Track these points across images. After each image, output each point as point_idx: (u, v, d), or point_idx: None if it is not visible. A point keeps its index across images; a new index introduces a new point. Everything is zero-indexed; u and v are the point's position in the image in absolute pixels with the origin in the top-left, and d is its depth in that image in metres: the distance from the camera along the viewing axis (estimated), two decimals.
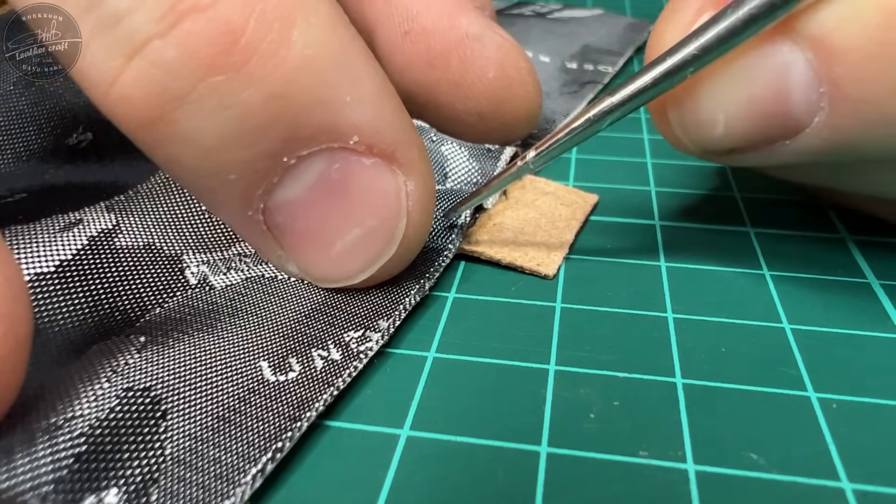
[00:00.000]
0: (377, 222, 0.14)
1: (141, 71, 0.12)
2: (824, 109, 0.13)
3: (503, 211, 0.19)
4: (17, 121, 0.18)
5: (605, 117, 0.15)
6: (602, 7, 0.37)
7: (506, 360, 0.15)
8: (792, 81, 0.13)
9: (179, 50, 0.12)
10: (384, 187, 0.14)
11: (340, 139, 0.13)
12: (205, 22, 0.12)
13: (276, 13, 0.12)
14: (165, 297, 0.15)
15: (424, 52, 0.20)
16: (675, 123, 0.15)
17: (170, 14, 0.12)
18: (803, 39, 0.13)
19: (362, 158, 0.14)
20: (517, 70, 0.21)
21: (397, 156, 0.14)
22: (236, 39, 0.12)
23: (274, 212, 0.14)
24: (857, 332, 0.15)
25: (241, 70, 0.12)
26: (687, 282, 0.17)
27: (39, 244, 0.15)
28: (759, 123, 0.14)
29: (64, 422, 0.12)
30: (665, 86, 0.14)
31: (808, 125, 0.13)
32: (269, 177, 0.14)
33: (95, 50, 0.12)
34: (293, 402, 0.13)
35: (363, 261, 0.15)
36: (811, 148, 0.14)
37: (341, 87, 0.13)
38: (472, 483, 0.12)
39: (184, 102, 0.12)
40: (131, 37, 0.12)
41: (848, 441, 0.12)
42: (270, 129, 0.13)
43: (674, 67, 0.14)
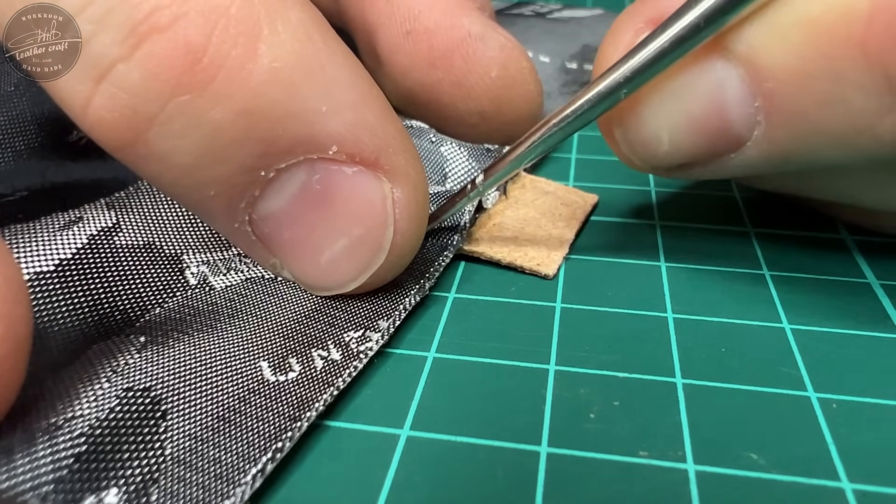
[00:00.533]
0: (363, 231, 0.14)
1: (109, 95, 0.12)
2: (761, 123, 0.13)
3: (503, 211, 0.19)
4: (18, 120, 0.18)
5: (547, 139, 0.15)
6: (602, 7, 0.37)
7: (506, 360, 0.15)
8: (728, 97, 0.13)
9: (143, 72, 0.12)
10: (368, 195, 0.14)
11: (318, 150, 0.13)
12: (164, 42, 0.12)
13: (240, 27, 0.12)
14: (165, 296, 0.15)
15: (426, 52, 0.20)
16: (620, 142, 0.16)
17: (131, 36, 0.12)
18: (734, 56, 0.13)
19: (343, 168, 0.14)
20: (519, 70, 0.21)
21: (381, 163, 0.14)
22: (198, 58, 0.12)
23: (260, 223, 0.14)
24: (857, 332, 0.15)
25: (207, 88, 0.12)
26: (687, 282, 0.17)
27: (39, 243, 0.15)
28: (702, 139, 0.14)
29: (64, 422, 0.12)
30: (602, 107, 0.14)
31: (749, 139, 0.14)
32: (250, 190, 0.14)
33: (67, 75, 0.12)
34: (293, 402, 0.13)
35: (352, 269, 0.15)
36: (755, 160, 0.14)
37: (315, 98, 0.13)
38: (472, 483, 0.12)
39: (154, 124, 0.12)
40: (97, 61, 0.12)
41: (848, 441, 0.12)
42: (243, 145, 0.13)
43: (607, 90, 0.14)
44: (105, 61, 0.12)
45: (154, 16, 0.12)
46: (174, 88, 0.12)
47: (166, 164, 0.13)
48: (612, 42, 0.15)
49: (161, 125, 0.12)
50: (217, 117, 0.12)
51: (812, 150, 0.13)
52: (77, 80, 0.12)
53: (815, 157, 0.13)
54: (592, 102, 0.14)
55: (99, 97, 0.12)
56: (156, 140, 0.12)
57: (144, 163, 0.13)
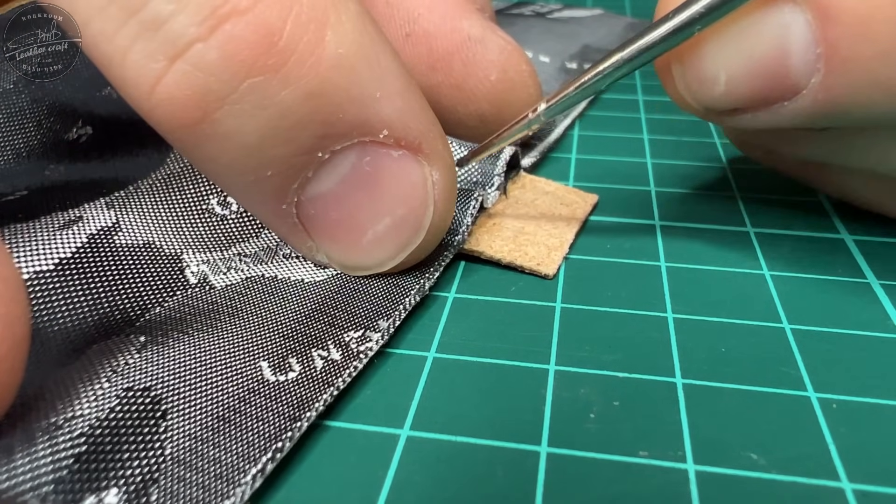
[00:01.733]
0: (406, 211, 0.15)
1: (183, 73, 0.12)
2: (820, 71, 0.13)
3: (503, 210, 0.19)
4: (17, 118, 0.18)
5: (614, 72, 0.15)
6: (602, 7, 0.37)
7: (506, 360, 0.15)
8: (791, 42, 0.13)
9: (221, 52, 0.12)
10: (412, 178, 0.15)
11: (371, 133, 0.14)
12: (244, 25, 0.12)
13: (311, 14, 0.13)
14: (165, 296, 0.15)
15: (426, 55, 0.20)
16: (678, 80, 0.16)
17: (211, 18, 0.12)
18: (804, 0, 0.13)
19: (391, 151, 0.14)
20: (519, 73, 0.21)
21: (423, 148, 0.15)
22: (275, 41, 0.12)
23: (307, 204, 0.15)
24: (857, 332, 0.15)
25: (280, 70, 0.13)
26: (687, 282, 0.17)
27: (39, 242, 0.15)
28: (759, 83, 0.14)
29: (64, 422, 0.12)
30: (672, 42, 0.14)
31: (805, 86, 0.14)
32: (304, 171, 0.14)
33: (137, 53, 0.13)
34: (293, 403, 0.13)
35: (393, 248, 0.16)
36: (807, 110, 0.14)
37: (371, 84, 0.14)
38: (472, 483, 0.12)
39: (225, 103, 0.13)
40: (174, 40, 0.12)
41: (848, 441, 0.12)
42: (307, 127, 0.13)
43: (681, 24, 0.14)
44: (183, 41, 0.12)
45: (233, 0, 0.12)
46: (249, 70, 0.12)
47: (229, 144, 0.13)
48: None
49: (231, 105, 0.13)
50: (286, 99, 0.13)
51: (867, 103, 0.13)
52: (150, 59, 0.13)
53: (868, 111, 0.13)
54: (663, 36, 0.14)
55: (172, 75, 0.13)
56: (224, 119, 0.13)
57: (205, 142, 0.13)
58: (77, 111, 0.19)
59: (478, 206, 0.18)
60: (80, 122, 0.19)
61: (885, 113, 0.13)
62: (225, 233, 0.17)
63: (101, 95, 0.19)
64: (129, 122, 0.19)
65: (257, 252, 0.17)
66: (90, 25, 0.13)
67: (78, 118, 0.19)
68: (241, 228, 0.18)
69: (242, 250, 0.17)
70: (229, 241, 0.17)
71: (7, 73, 0.18)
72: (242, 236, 0.17)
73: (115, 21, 0.13)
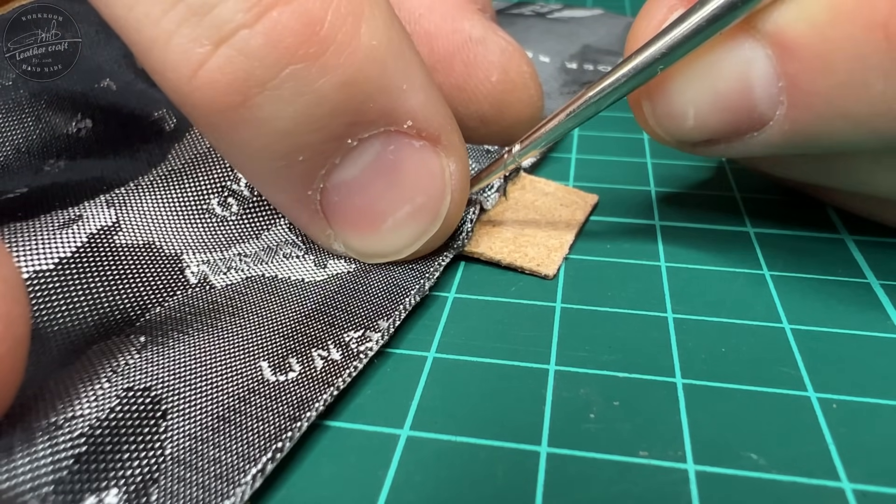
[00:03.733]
0: (425, 200, 0.16)
1: (228, 58, 0.13)
2: (783, 104, 0.14)
3: (503, 212, 0.19)
4: (16, 113, 0.18)
5: (582, 112, 0.16)
6: (602, 7, 0.37)
7: (506, 360, 0.15)
8: (754, 76, 0.14)
9: (266, 39, 0.13)
10: (432, 167, 0.15)
11: (396, 123, 0.15)
12: (290, 13, 0.13)
13: (349, 7, 0.13)
14: (166, 296, 0.15)
15: (427, 56, 0.20)
16: (648, 116, 0.16)
17: (258, 5, 0.13)
18: (763, 36, 0.13)
19: (413, 141, 0.15)
20: (520, 74, 0.21)
21: (442, 139, 0.15)
22: (317, 31, 0.13)
23: (331, 191, 0.15)
24: (857, 332, 0.15)
25: (319, 59, 0.13)
26: (687, 282, 0.17)
27: (39, 241, 0.15)
28: (726, 116, 0.15)
29: (64, 422, 0.12)
30: (638, 81, 0.15)
31: (772, 118, 0.14)
32: (333, 158, 0.15)
33: (183, 37, 0.13)
34: (293, 402, 0.13)
35: (410, 236, 0.16)
36: (776, 140, 0.14)
37: (399, 76, 0.14)
38: (472, 483, 0.12)
39: (265, 88, 0.13)
40: (221, 26, 0.13)
41: (848, 441, 0.12)
42: (339, 114, 0.14)
43: (644, 64, 0.14)
44: (229, 26, 0.13)
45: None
46: (291, 57, 0.13)
47: (265, 129, 0.14)
48: (645, 18, 0.16)
49: (271, 90, 0.13)
50: (323, 87, 0.13)
51: (832, 132, 0.14)
52: (195, 43, 0.13)
53: (835, 139, 0.14)
54: (629, 76, 0.15)
55: (216, 59, 0.13)
56: (262, 104, 0.13)
57: (242, 126, 0.14)
58: (76, 104, 0.19)
59: (478, 210, 0.18)
60: (80, 116, 0.19)
61: (852, 140, 0.14)
62: (225, 233, 0.17)
63: (99, 87, 0.19)
64: (130, 114, 0.19)
65: (257, 252, 0.17)
66: (134, 10, 0.13)
67: (77, 111, 0.19)
68: (241, 229, 0.18)
69: (243, 251, 0.17)
70: (229, 241, 0.17)
71: (6, 69, 0.18)
72: (243, 237, 0.17)
73: (162, 5, 0.13)
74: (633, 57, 0.15)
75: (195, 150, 0.19)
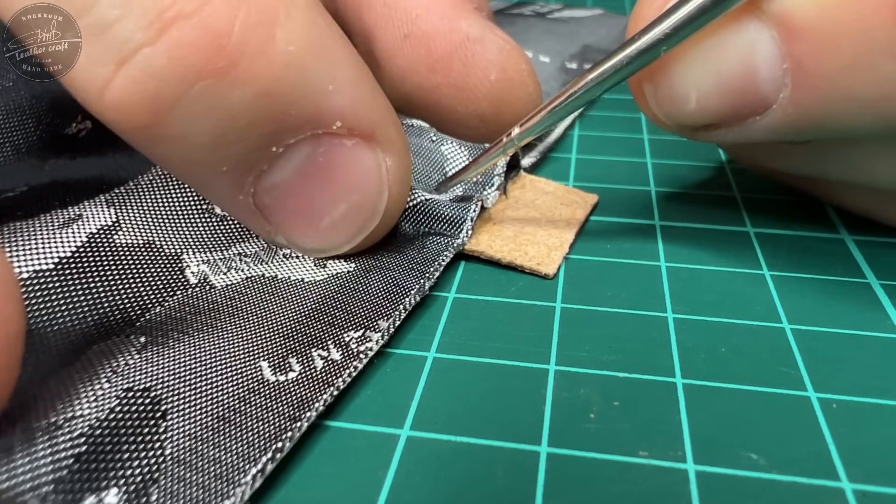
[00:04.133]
0: (361, 198, 0.15)
1: (132, 78, 0.12)
2: (788, 86, 0.13)
3: (503, 211, 0.19)
4: (17, 115, 0.18)
5: (584, 94, 0.15)
6: (602, 7, 0.37)
7: (506, 360, 0.15)
8: (758, 58, 0.14)
9: (169, 57, 0.12)
10: (366, 165, 0.15)
11: (324, 125, 0.14)
12: (191, 28, 0.12)
13: (260, 15, 0.13)
14: (166, 295, 0.15)
15: (425, 56, 0.20)
16: (650, 99, 0.16)
17: (157, 21, 0.12)
18: (768, 17, 0.13)
19: (344, 140, 0.15)
20: (518, 72, 0.21)
21: (376, 135, 0.15)
22: (223, 44, 0.12)
23: (263, 194, 0.15)
24: (857, 332, 0.15)
25: (230, 73, 0.13)
26: (687, 282, 0.17)
27: (38, 241, 0.15)
28: (729, 99, 0.14)
29: (64, 422, 0.12)
30: (640, 63, 0.14)
31: (775, 101, 0.14)
32: (259, 165, 0.14)
33: (85, 57, 0.13)
34: (293, 403, 0.13)
35: (349, 233, 0.16)
36: (779, 124, 0.14)
37: (323, 78, 0.14)
38: (472, 483, 0.12)
39: (175, 106, 0.13)
40: (121, 45, 0.12)
41: (848, 441, 0.12)
42: (259, 125, 0.13)
43: (647, 45, 0.14)
44: (129, 46, 0.12)
45: (179, 2, 0.12)
46: (198, 73, 0.12)
47: (182, 145, 0.13)
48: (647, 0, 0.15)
49: (182, 108, 0.13)
50: (237, 100, 0.13)
51: (836, 115, 0.13)
52: (97, 63, 0.13)
53: (839, 123, 0.13)
54: (631, 58, 0.14)
55: (120, 80, 0.12)
56: (175, 122, 0.13)
57: (159, 144, 0.13)
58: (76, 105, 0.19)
59: (478, 208, 0.18)
60: (80, 117, 0.19)
61: (857, 124, 0.13)
62: (225, 233, 0.17)
63: None
64: None
65: (257, 252, 0.17)
66: None
67: (77, 112, 0.19)
68: (241, 228, 0.18)
69: (243, 250, 0.17)
70: (229, 241, 0.17)
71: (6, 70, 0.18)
72: (243, 236, 0.17)
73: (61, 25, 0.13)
74: (635, 38, 0.14)
75: None
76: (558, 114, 0.16)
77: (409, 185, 0.16)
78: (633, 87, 0.16)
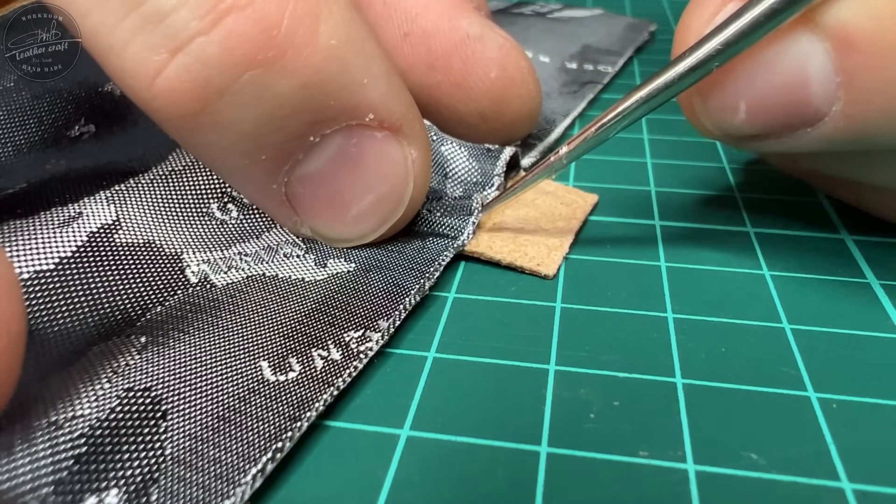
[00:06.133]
0: (388, 189, 0.16)
1: (185, 66, 0.13)
2: (840, 99, 0.13)
3: (503, 211, 0.19)
4: (18, 114, 0.18)
5: (633, 112, 0.15)
6: (602, 7, 0.37)
7: (506, 360, 0.15)
8: (811, 71, 0.13)
9: (222, 46, 0.13)
10: (394, 157, 0.16)
11: (358, 117, 0.15)
12: (245, 19, 0.13)
13: (306, 8, 0.13)
14: (166, 295, 0.15)
15: (425, 55, 0.20)
16: (698, 109, 0.16)
17: (212, 12, 0.13)
18: (822, 30, 0.13)
19: (375, 133, 0.15)
20: (518, 69, 0.21)
21: (404, 128, 0.16)
22: (273, 35, 0.13)
23: (296, 184, 0.15)
24: (857, 332, 0.15)
25: (277, 63, 0.13)
26: (687, 282, 0.17)
27: (39, 241, 0.15)
28: (780, 111, 0.14)
29: (64, 422, 0.12)
30: (692, 79, 0.14)
31: (827, 114, 0.14)
32: (296, 154, 0.15)
33: (139, 46, 0.13)
34: (293, 402, 0.13)
35: (375, 222, 0.17)
36: (830, 136, 0.14)
37: (360, 71, 0.14)
38: (472, 483, 0.12)
39: (224, 94, 0.13)
40: (176, 34, 0.13)
41: (848, 441, 0.12)
42: (300, 115, 0.14)
43: (699, 62, 0.14)
44: (185, 35, 0.13)
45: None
46: (249, 63, 0.13)
47: (227, 132, 0.14)
48: (695, 13, 0.15)
49: (231, 96, 0.13)
50: (283, 90, 0.13)
51: (888, 129, 0.13)
52: (151, 51, 0.13)
53: (890, 136, 0.13)
54: (682, 74, 0.14)
55: (173, 68, 0.13)
56: (223, 109, 0.13)
57: (203, 131, 0.14)
58: (80, 108, 0.19)
59: (480, 211, 0.18)
60: (83, 121, 0.19)
61: None
62: (225, 234, 0.17)
63: (103, 92, 0.19)
64: (133, 122, 0.19)
65: (258, 251, 0.17)
66: (89, 17, 0.13)
67: (80, 116, 0.19)
68: (240, 232, 0.18)
69: (243, 249, 0.17)
70: (230, 240, 0.17)
71: (8, 71, 0.18)
72: (243, 237, 0.17)
73: (116, 13, 0.13)
74: (686, 54, 0.14)
75: None
76: (606, 132, 0.16)
77: (429, 178, 0.17)
78: (681, 97, 0.16)
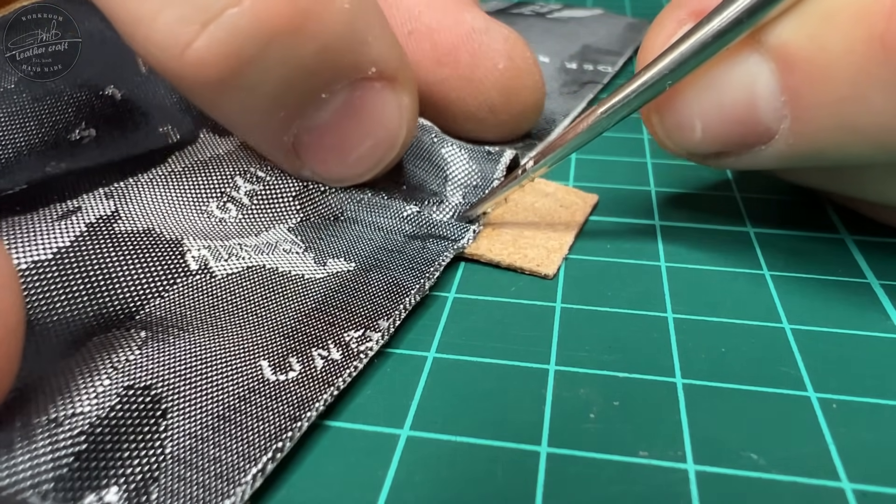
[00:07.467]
0: (385, 133, 0.17)
1: (216, 37, 0.14)
2: (787, 117, 0.14)
3: (503, 213, 0.19)
4: (18, 117, 0.18)
5: (595, 126, 0.16)
6: (602, 7, 0.37)
7: (506, 360, 0.15)
8: (759, 90, 0.14)
9: (252, 16, 0.14)
10: (390, 104, 0.17)
11: (363, 72, 0.16)
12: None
13: None
14: (166, 283, 0.15)
15: (430, 51, 0.20)
16: (658, 128, 0.16)
17: None
18: (767, 51, 0.13)
19: (375, 84, 0.16)
20: (525, 60, 0.21)
21: (398, 77, 0.17)
22: (297, 3, 0.14)
23: (303, 134, 0.17)
24: (857, 332, 0.15)
25: (301, 29, 0.14)
26: (687, 282, 0.17)
27: (37, 232, 0.15)
28: (732, 129, 0.15)
29: (65, 419, 0.12)
30: (647, 96, 0.15)
31: (777, 131, 0.14)
32: (308, 109, 0.16)
33: (169, 18, 0.14)
34: (293, 402, 0.13)
35: (372, 163, 0.18)
36: (784, 153, 0.14)
37: (366, 31, 0.16)
38: (472, 483, 0.12)
39: (253, 62, 0.14)
40: (207, 6, 0.14)
41: (848, 441, 0.12)
42: (318, 74, 0.15)
43: (652, 80, 0.15)
44: (216, 7, 0.14)
45: None
46: (275, 30, 0.14)
47: (251, 96, 0.15)
48: (656, 32, 0.16)
49: (258, 62, 0.14)
50: (304, 54, 0.15)
51: (837, 145, 0.13)
52: (183, 23, 0.14)
53: (842, 152, 0.14)
54: (638, 92, 0.15)
55: (204, 39, 0.14)
56: (249, 75, 0.14)
57: (227, 96, 0.15)
58: (80, 112, 0.19)
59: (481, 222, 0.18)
60: (84, 124, 0.19)
61: (859, 153, 0.13)
62: (224, 227, 0.17)
63: (104, 95, 0.19)
64: (134, 127, 0.19)
65: (257, 245, 0.17)
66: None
67: (81, 120, 0.19)
68: (239, 230, 0.18)
69: (243, 242, 0.17)
70: (228, 234, 0.17)
71: (8, 73, 0.18)
72: (241, 232, 0.17)
73: None
74: (642, 73, 0.15)
75: (196, 158, 0.19)
76: (569, 147, 0.16)
77: (417, 119, 0.18)
78: (643, 117, 0.17)
